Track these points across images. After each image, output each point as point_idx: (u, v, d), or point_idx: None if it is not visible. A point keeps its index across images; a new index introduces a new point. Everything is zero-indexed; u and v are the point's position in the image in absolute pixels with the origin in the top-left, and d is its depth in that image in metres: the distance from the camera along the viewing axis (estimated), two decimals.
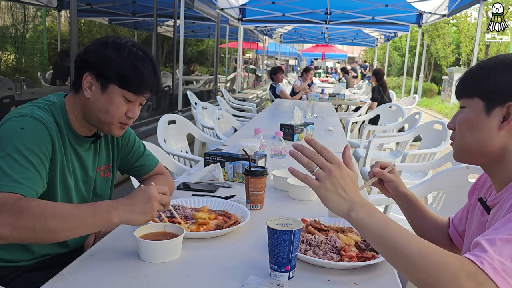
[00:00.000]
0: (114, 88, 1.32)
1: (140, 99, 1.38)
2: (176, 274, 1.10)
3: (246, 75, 15.99)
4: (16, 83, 5.37)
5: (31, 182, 1.17)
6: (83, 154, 1.43)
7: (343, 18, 9.49)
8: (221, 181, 1.93)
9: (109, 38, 1.36)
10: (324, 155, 0.97)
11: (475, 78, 1.10)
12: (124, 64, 1.31)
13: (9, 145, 1.17)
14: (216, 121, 4.01)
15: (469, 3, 6.63)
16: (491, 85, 1.06)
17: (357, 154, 4.24)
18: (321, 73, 22.16)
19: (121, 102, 1.34)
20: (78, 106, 1.37)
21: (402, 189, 1.39)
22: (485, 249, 0.85)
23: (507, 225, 0.88)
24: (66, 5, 9.13)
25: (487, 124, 1.06)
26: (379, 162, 1.40)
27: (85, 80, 1.33)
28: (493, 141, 1.06)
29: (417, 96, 8.16)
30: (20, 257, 1.36)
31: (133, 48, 1.33)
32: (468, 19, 20.04)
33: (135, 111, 1.38)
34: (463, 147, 1.13)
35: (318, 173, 0.96)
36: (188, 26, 12.84)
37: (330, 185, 0.95)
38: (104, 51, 1.32)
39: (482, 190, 1.26)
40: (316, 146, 0.98)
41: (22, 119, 1.23)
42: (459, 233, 1.35)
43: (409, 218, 1.43)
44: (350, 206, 0.95)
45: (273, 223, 1.11)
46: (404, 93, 12.33)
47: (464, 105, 1.12)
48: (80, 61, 1.35)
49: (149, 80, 1.35)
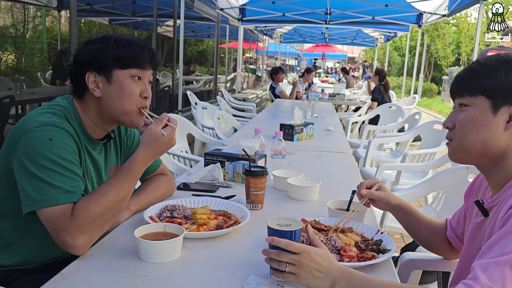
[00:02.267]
0: (118, 72, 1.33)
1: (146, 74, 1.38)
2: (176, 274, 1.10)
3: (246, 75, 16.00)
4: (16, 83, 5.37)
5: (79, 189, 1.22)
6: (96, 157, 1.44)
7: (343, 18, 9.50)
8: (221, 181, 1.93)
9: (91, 37, 1.38)
10: (290, 249, 1.01)
11: (480, 76, 1.07)
12: (116, 48, 1.33)
13: (43, 158, 1.17)
14: (216, 121, 4.01)
15: (469, 3, 6.64)
16: (498, 83, 1.04)
17: (357, 154, 4.24)
18: (321, 73, 22.15)
19: (131, 83, 1.34)
20: (91, 109, 1.37)
21: (394, 202, 1.40)
22: (477, 276, 0.86)
23: (499, 243, 0.89)
24: (66, 5, 9.14)
25: (494, 123, 1.04)
26: (364, 183, 1.42)
27: (89, 81, 1.32)
28: (497, 141, 1.05)
29: (417, 96, 8.16)
30: (25, 261, 1.36)
31: (118, 35, 1.38)
32: (468, 19, 20.03)
33: (147, 89, 1.39)
34: (465, 147, 1.09)
35: (290, 269, 1.01)
36: (188, 26, 12.85)
37: (305, 273, 0.99)
38: (92, 47, 1.33)
39: (479, 191, 1.25)
40: (280, 244, 1.02)
41: (46, 129, 1.21)
42: (457, 236, 1.35)
43: (405, 226, 1.44)
44: (331, 282, 0.99)
45: (273, 223, 1.11)
46: (404, 93, 12.34)
47: (467, 103, 1.09)
48: (75, 66, 1.35)
49: (145, 51, 1.36)
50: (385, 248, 1.25)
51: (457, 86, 1.13)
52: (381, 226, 2.30)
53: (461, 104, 1.11)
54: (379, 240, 1.29)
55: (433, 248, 1.45)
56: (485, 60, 1.08)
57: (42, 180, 1.16)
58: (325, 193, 1.78)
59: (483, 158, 1.09)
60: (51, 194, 1.15)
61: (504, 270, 0.84)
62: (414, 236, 1.47)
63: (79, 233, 1.15)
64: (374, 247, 1.26)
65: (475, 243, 1.15)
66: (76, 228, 1.15)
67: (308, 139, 3.15)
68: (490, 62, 1.07)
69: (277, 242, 1.02)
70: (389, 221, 2.36)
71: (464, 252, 1.23)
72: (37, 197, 1.15)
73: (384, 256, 1.18)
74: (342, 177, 2.20)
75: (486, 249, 0.91)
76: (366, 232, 1.36)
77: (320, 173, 2.16)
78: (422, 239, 1.45)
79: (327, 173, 2.23)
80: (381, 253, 1.22)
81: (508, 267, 0.85)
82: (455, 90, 1.13)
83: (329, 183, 1.97)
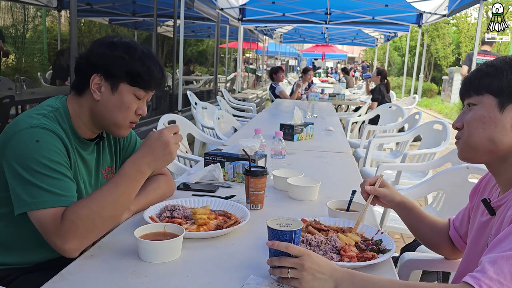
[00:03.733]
0: (125, 86, 1.34)
1: (148, 95, 1.40)
2: (176, 274, 1.10)
3: (246, 75, 15.99)
4: (16, 83, 5.37)
5: (70, 191, 1.22)
6: (87, 157, 1.44)
7: (343, 18, 9.49)
8: (221, 181, 1.93)
9: (112, 39, 1.37)
10: (290, 252, 1.02)
11: (486, 75, 1.10)
12: (137, 63, 1.33)
13: (31, 161, 1.18)
14: (216, 121, 4.01)
15: (469, 3, 6.64)
16: (504, 82, 1.06)
17: (357, 154, 4.24)
18: (321, 73, 22.16)
19: (132, 99, 1.36)
20: (85, 109, 1.36)
21: (397, 199, 1.40)
22: (485, 269, 0.86)
23: (509, 238, 0.89)
24: (66, 5, 9.14)
25: (501, 121, 1.07)
26: (367, 180, 1.42)
27: (93, 82, 1.32)
28: (505, 138, 1.07)
29: (417, 96, 8.15)
30: (23, 260, 1.36)
31: (143, 49, 1.37)
32: (468, 19, 20.02)
33: (144, 107, 1.41)
34: (472, 144, 1.12)
35: (292, 273, 1.01)
36: (188, 26, 12.85)
37: (308, 276, 1.00)
38: (113, 52, 1.33)
39: (485, 191, 1.26)
40: (280, 247, 1.03)
41: (33, 131, 1.21)
42: (460, 236, 1.35)
43: (407, 224, 1.45)
44: (334, 284, 1.00)
45: (273, 223, 1.11)
46: (404, 93, 12.33)
47: (475, 102, 1.12)
48: (85, 63, 1.34)
49: (158, 77, 1.39)
50: (385, 248, 1.25)
51: (465, 87, 1.15)
52: (381, 226, 2.29)
53: (470, 104, 1.13)
54: (379, 240, 1.29)
55: (435, 247, 1.45)
56: (492, 61, 1.12)
57: (31, 183, 1.17)
58: (325, 193, 1.78)
59: (490, 155, 1.10)
60: (41, 197, 1.16)
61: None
62: (416, 234, 1.47)
63: (68, 237, 1.15)
64: (374, 247, 1.26)
65: (480, 241, 1.16)
66: (65, 231, 1.15)
67: (308, 139, 3.15)
68: (496, 63, 1.10)
69: (277, 246, 1.03)
70: (389, 221, 2.36)
71: (467, 251, 1.23)
72: (27, 200, 1.16)
73: (384, 256, 1.18)
74: (342, 177, 2.20)
75: (495, 244, 0.91)
76: (366, 232, 1.35)
77: (320, 173, 2.16)
78: (424, 238, 1.45)
79: (327, 173, 2.23)
80: (381, 253, 1.22)
81: None
82: (463, 92, 1.16)
83: (329, 183, 1.97)
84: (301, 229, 1.11)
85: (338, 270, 1.01)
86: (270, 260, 1.07)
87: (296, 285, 1.02)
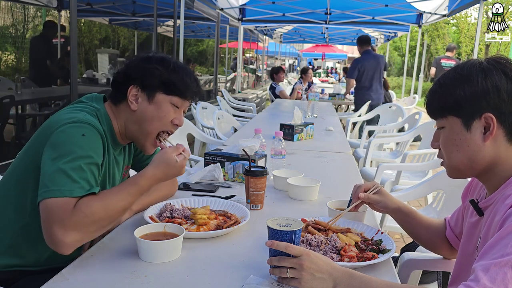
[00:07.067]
0: (161, 96, 1.40)
1: (185, 104, 1.45)
2: (176, 274, 1.10)
3: (246, 75, 15.99)
4: (16, 83, 5.36)
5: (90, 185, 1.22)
6: (118, 158, 1.50)
7: (343, 18, 9.49)
8: (221, 181, 1.93)
9: (148, 53, 1.45)
10: (290, 252, 1.02)
11: (440, 98, 1.10)
12: (170, 73, 1.40)
13: (72, 151, 1.21)
14: (216, 121, 4.01)
15: (469, 3, 6.63)
16: (460, 100, 1.05)
17: (357, 154, 4.24)
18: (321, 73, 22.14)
19: (169, 108, 1.41)
20: (121, 118, 1.43)
21: (392, 205, 1.40)
22: (478, 278, 0.86)
23: (499, 244, 0.89)
24: (66, 5, 9.12)
25: (471, 140, 1.06)
26: (362, 186, 1.41)
27: (131, 94, 1.38)
28: (482, 154, 1.06)
29: (417, 96, 8.15)
30: (29, 261, 1.36)
31: (176, 61, 1.44)
32: (468, 19, 20.02)
33: (180, 118, 1.46)
34: (454, 166, 1.13)
35: (292, 273, 1.02)
36: (188, 26, 12.84)
37: (307, 275, 1.00)
38: (148, 64, 1.40)
39: (474, 191, 1.27)
40: (279, 247, 1.04)
41: (80, 126, 1.26)
42: (456, 235, 1.36)
43: (404, 228, 1.45)
44: (333, 283, 1.00)
45: (273, 223, 1.11)
46: (404, 93, 12.33)
47: (443, 125, 1.12)
48: (123, 75, 1.41)
49: (192, 86, 1.45)
50: (385, 248, 1.25)
51: (428, 110, 1.16)
52: (381, 226, 2.30)
53: (439, 126, 1.14)
54: (379, 240, 1.29)
55: (433, 248, 1.45)
56: (443, 80, 1.10)
57: (63, 172, 1.17)
58: (325, 193, 1.79)
59: (474, 171, 1.11)
60: (64, 186, 1.16)
61: (505, 271, 0.84)
62: (414, 237, 1.48)
63: (72, 229, 1.13)
64: (374, 247, 1.26)
65: (471, 242, 1.16)
66: (73, 222, 1.13)
67: (308, 139, 3.15)
68: (446, 81, 1.09)
69: (276, 246, 1.04)
70: (389, 221, 2.36)
71: (460, 252, 1.24)
72: (52, 187, 1.16)
73: (384, 256, 1.18)
74: (342, 177, 2.20)
75: (487, 250, 0.91)
76: (366, 232, 1.36)
77: (320, 173, 2.16)
78: (422, 240, 1.45)
79: (327, 173, 2.23)
80: (381, 253, 1.22)
81: (510, 268, 0.84)
82: (429, 114, 1.16)
83: (329, 183, 1.97)
84: (301, 229, 1.11)
85: (337, 269, 1.01)
86: (270, 260, 1.07)
87: (296, 285, 1.02)
